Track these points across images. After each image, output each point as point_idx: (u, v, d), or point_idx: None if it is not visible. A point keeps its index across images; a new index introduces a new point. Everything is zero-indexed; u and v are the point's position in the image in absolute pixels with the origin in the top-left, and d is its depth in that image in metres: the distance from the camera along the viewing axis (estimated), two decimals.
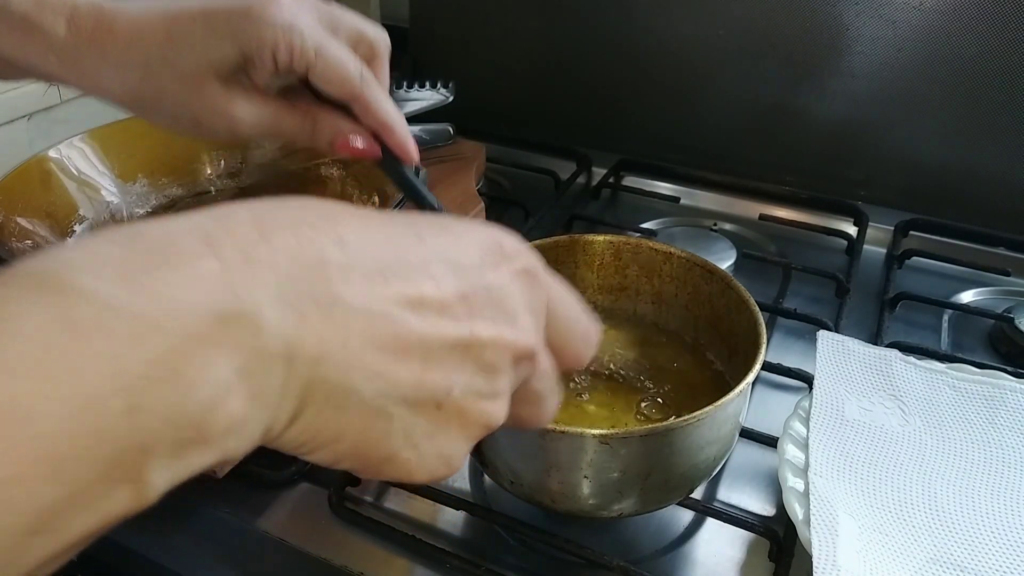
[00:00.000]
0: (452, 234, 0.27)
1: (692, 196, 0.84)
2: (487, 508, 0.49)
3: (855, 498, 0.44)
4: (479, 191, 0.79)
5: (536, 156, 0.90)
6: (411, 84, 0.77)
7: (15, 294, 0.18)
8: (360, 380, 0.22)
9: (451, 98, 0.76)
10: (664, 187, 0.86)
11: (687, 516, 0.49)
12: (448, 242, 0.26)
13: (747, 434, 0.52)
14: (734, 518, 0.47)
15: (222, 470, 0.49)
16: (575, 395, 0.50)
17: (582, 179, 0.87)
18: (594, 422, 0.48)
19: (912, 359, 0.54)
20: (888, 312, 0.66)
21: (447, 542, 0.47)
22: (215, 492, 0.49)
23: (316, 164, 0.67)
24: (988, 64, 0.73)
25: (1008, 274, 0.73)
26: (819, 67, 0.79)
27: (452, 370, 0.25)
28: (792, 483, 0.44)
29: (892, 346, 0.57)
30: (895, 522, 0.43)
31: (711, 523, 0.48)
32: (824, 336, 0.55)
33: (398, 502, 0.50)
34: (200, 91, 0.39)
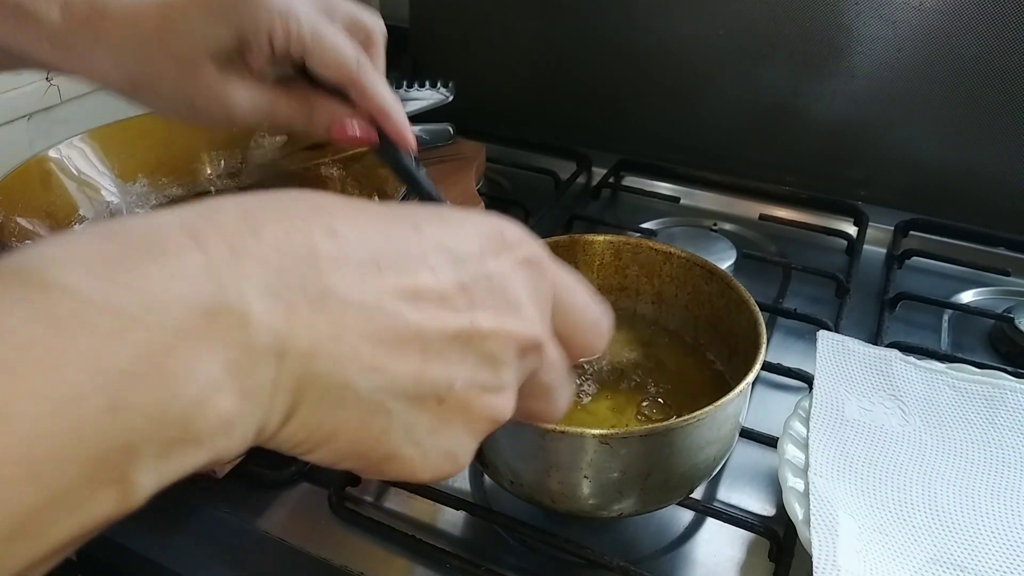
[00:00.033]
0: (451, 224, 0.26)
1: (692, 196, 0.84)
2: (487, 508, 0.49)
3: (855, 498, 0.44)
4: (479, 191, 0.79)
5: (536, 156, 0.90)
6: (411, 84, 0.77)
7: None
8: (356, 375, 0.22)
9: (451, 98, 0.76)
10: (664, 187, 0.86)
11: (687, 516, 0.49)
12: (446, 232, 0.25)
13: (747, 434, 0.52)
14: (734, 518, 0.47)
15: (222, 470, 0.49)
16: (575, 396, 0.50)
17: (582, 179, 0.87)
18: (594, 422, 0.48)
19: (912, 359, 0.54)
20: (888, 312, 0.66)
21: (447, 542, 0.47)
22: (215, 492, 0.49)
23: (316, 164, 0.67)
24: (988, 64, 0.73)
25: (1008, 274, 0.73)
26: (819, 67, 0.79)
27: (453, 363, 0.24)
28: (792, 483, 0.44)
29: (892, 346, 0.57)
30: (895, 522, 0.43)
31: (711, 523, 0.48)
32: (824, 336, 0.55)
33: (398, 502, 0.50)
34: (195, 75, 0.39)
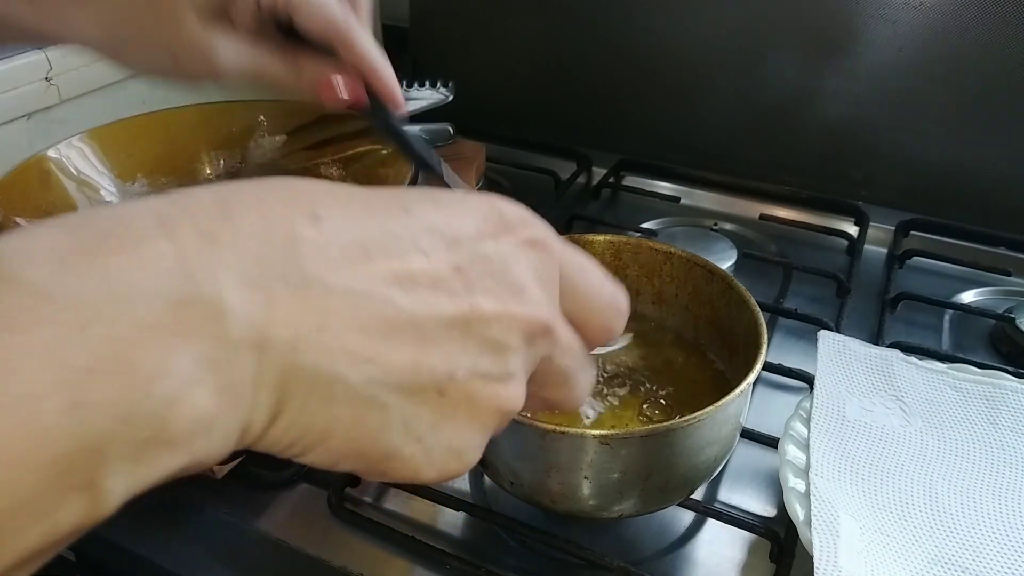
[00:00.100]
0: (445, 205, 0.24)
1: (692, 196, 0.84)
2: (487, 509, 0.49)
3: (856, 499, 0.44)
4: (479, 191, 0.79)
5: (536, 156, 0.89)
6: (411, 84, 0.77)
7: None
8: (345, 366, 0.20)
9: (451, 98, 0.76)
10: (664, 187, 0.86)
11: (688, 517, 0.49)
12: (440, 214, 0.24)
13: (748, 435, 0.52)
14: (735, 519, 0.47)
15: (220, 471, 0.49)
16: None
17: (582, 179, 0.87)
18: (595, 423, 0.48)
19: (913, 359, 0.54)
20: (889, 312, 0.66)
21: (447, 543, 0.47)
22: (214, 492, 0.49)
23: (316, 164, 0.67)
24: (989, 63, 0.72)
25: (1009, 274, 0.72)
26: (819, 67, 0.78)
27: (453, 351, 0.22)
28: (793, 484, 0.44)
29: (893, 346, 0.57)
30: (896, 523, 0.43)
31: (712, 524, 0.48)
32: (825, 336, 0.55)
33: (398, 503, 0.50)
34: (179, 28, 0.38)
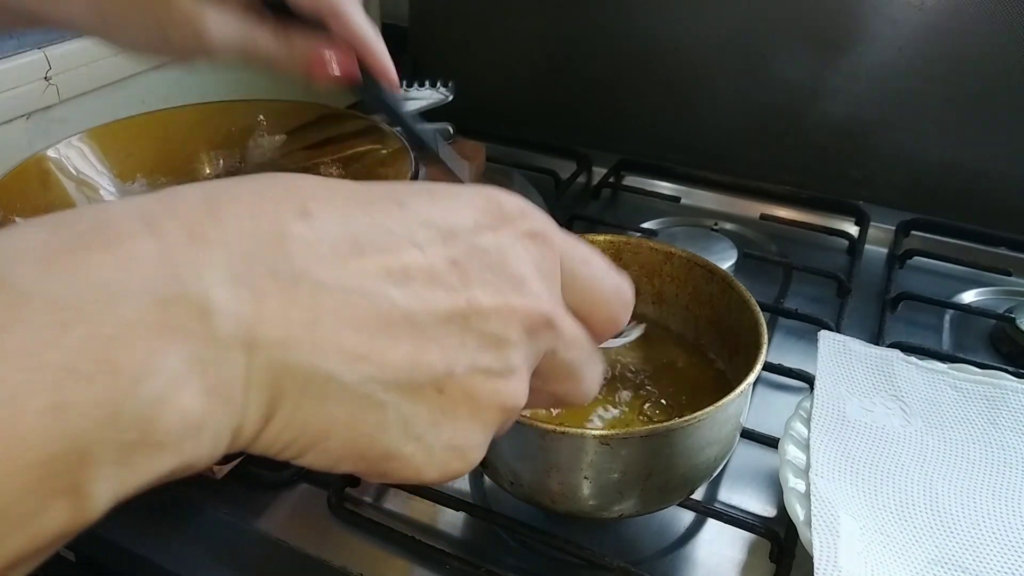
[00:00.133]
0: (440, 198, 0.24)
1: (693, 196, 0.84)
2: (487, 509, 0.49)
3: (856, 499, 0.44)
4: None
5: (536, 156, 0.89)
6: (411, 83, 0.77)
7: None
8: (338, 364, 0.20)
9: (451, 98, 0.76)
10: (664, 187, 0.86)
11: (688, 517, 0.49)
12: (435, 206, 0.23)
13: (748, 435, 0.52)
14: (735, 519, 0.47)
15: (221, 471, 0.49)
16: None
17: (582, 179, 0.87)
18: (594, 422, 0.48)
19: (913, 359, 0.54)
20: (889, 312, 0.66)
21: (447, 543, 0.47)
22: (214, 492, 0.49)
23: (316, 163, 0.67)
24: (989, 63, 0.72)
25: (1009, 274, 0.72)
26: (820, 66, 0.78)
27: (451, 347, 0.22)
28: (793, 484, 0.44)
29: (893, 346, 0.57)
30: (896, 523, 0.43)
31: (712, 524, 0.48)
32: (825, 336, 0.55)
33: (398, 503, 0.50)
34: (169, 3, 0.38)
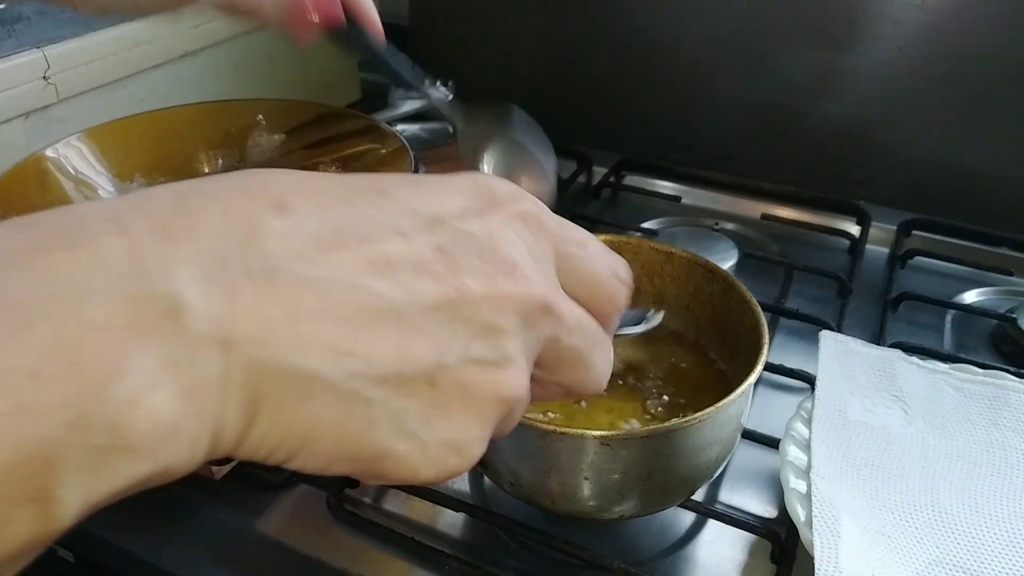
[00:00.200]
0: (426, 185, 0.23)
1: (693, 195, 0.84)
2: (487, 510, 0.49)
3: (857, 500, 0.43)
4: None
5: None
6: None
7: None
8: (320, 361, 0.19)
9: (451, 97, 0.76)
10: (665, 186, 0.85)
11: (688, 518, 0.49)
12: (420, 194, 0.22)
13: (749, 435, 0.52)
14: (736, 520, 0.47)
15: (219, 471, 0.49)
16: (576, 399, 0.49)
17: (582, 179, 0.87)
18: (597, 423, 0.47)
19: (915, 359, 0.54)
20: (891, 312, 0.65)
21: (446, 544, 0.47)
22: (213, 493, 0.49)
23: (315, 163, 0.67)
24: (991, 63, 0.72)
25: (1011, 274, 0.72)
26: (821, 66, 0.78)
27: (441, 338, 0.21)
28: (794, 484, 0.44)
29: (895, 346, 0.57)
30: (898, 524, 0.42)
31: (712, 525, 0.48)
32: (826, 336, 0.55)
33: (397, 504, 0.50)
34: None
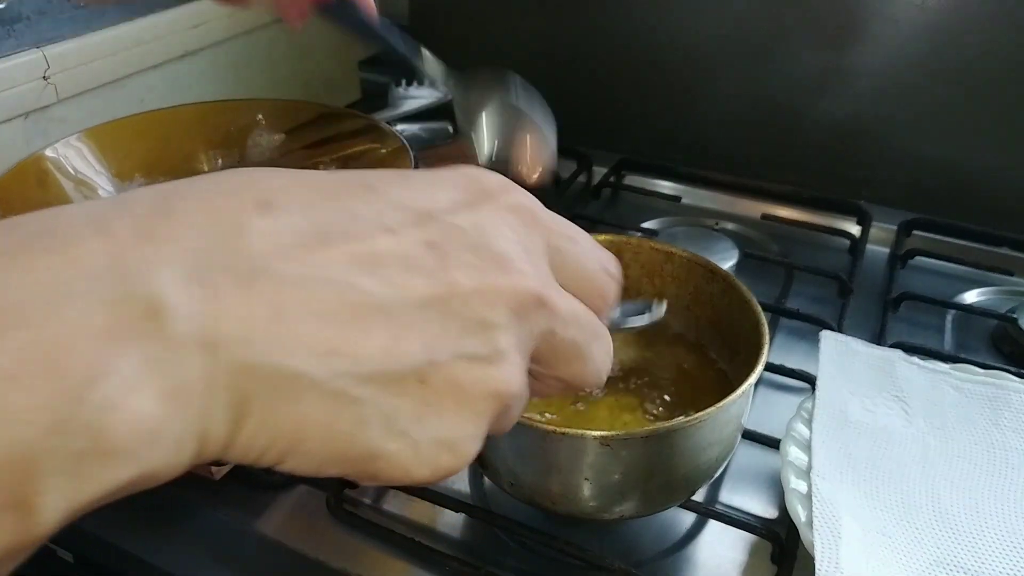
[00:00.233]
0: (415, 180, 0.22)
1: (694, 195, 0.84)
2: (487, 510, 0.49)
3: (858, 500, 0.43)
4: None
5: None
6: (411, 82, 0.77)
7: None
8: (306, 360, 0.19)
9: (451, 97, 0.76)
10: (665, 186, 0.85)
11: (689, 518, 0.49)
12: (408, 188, 0.22)
13: (749, 436, 0.51)
14: (736, 520, 0.47)
15: (219, 471, 0.49)
16: (574, 400, 0.49)
17: (582, 179, 0.86)
18: (597, 424, 0.47)
19: (915, 359, 0.53)
20: (891, 312, 0.65)
21: (446, 544, 0.47)
22: (212, 494, 0.49)
23: (315, 163, 0.67)
24: (992, 62, 0.72)
25: (1012, 274, 0.72)
26: (821, 65, 0.78)
27: (431, 334, 0.20)
28: (795, 485, 0.44)
29: (895, 346, 0.56)
30: (898, 524, 0.42)
31: (713, 525, 0.48)
32: (827, 336, 0.55)
33: (397, 504, 0.50)
34: None
